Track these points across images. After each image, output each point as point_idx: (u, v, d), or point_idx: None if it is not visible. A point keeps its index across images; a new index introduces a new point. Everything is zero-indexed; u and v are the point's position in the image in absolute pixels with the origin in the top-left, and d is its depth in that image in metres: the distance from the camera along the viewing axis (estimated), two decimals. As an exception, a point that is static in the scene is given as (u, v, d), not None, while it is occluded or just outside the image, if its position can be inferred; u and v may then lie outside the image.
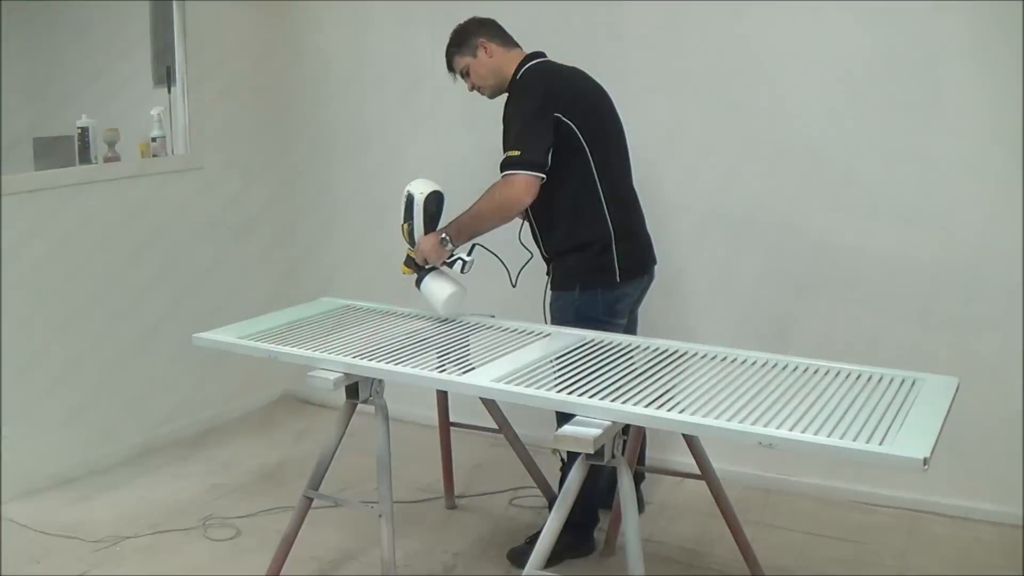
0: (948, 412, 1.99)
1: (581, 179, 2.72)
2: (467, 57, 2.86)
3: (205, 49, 3.91)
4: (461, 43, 2.86)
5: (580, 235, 2.74)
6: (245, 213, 4.16)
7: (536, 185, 2.63)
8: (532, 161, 2.62)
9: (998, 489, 3.02)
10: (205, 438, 3.92)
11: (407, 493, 3.32)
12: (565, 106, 2.67)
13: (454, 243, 2.73)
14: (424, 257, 2.77)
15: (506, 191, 2.63)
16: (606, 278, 2.73)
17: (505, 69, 2.83)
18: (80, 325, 3.55)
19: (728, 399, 2.06)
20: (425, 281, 2.80)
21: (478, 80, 2.88)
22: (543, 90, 2.71)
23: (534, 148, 2.62)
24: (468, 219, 2.71)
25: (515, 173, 2.62)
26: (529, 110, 2.68)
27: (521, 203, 2.64)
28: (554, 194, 2.72)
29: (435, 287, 2.79)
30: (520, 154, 2.62)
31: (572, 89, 2.76)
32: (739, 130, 3.26)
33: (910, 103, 3.00)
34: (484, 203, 2.68)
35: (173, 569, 2.87)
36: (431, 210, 2.78)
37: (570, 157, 2.69)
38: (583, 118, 2.70)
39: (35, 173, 3.58)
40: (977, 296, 2.99)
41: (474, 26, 2.87)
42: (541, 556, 2.09)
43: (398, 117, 3.94)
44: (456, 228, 2.73)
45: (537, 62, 2.82)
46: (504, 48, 2.85)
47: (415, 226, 2.79)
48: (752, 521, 2.97)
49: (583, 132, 2.69)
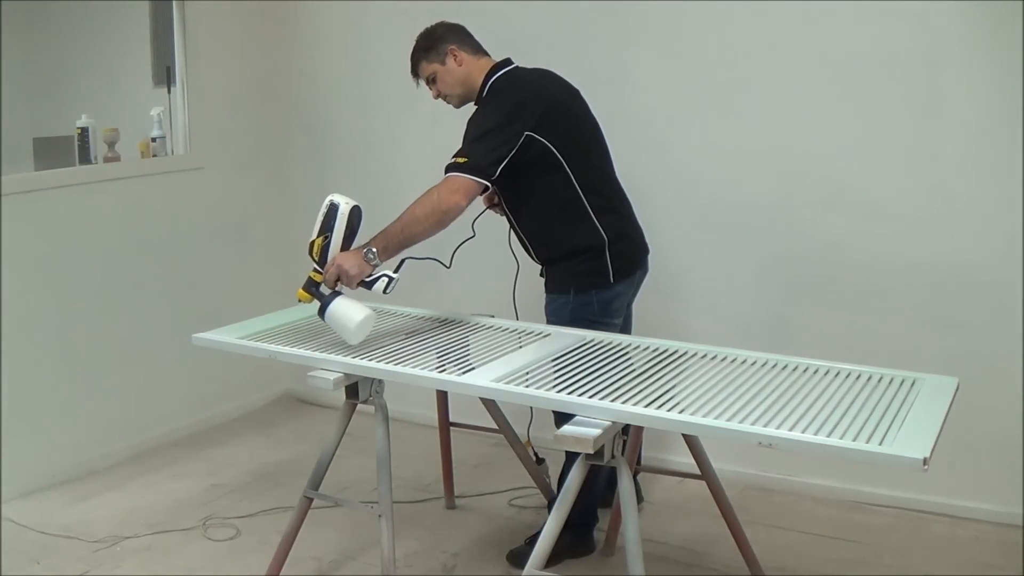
0: (948, 412, 1.99)
1: (563, 193, 2.66)
2: (435, 64, 2.75)
3: (205, 49, 3.91)
4: (429, 48, 2.75)
5: (570, 244, 2.70)
6: (245, 213, 4.16)
7: (476, 191, 2.54)
8: (477, 167, 2.52)
9: (998, 489, 3.02)
10: (205, 438, 3.92)
11: (407, 493, 3.32)
12: (537, 123, 2.58)
13: (381, 256, 2.50)
14: (339, 276, 2.49)
15: (444, 193, 2.50)
16: (600, 280, 2.70)
17: (474, 78, 2.73)
18: (80, 325, 3.55)
19: (728, 399, 2.06)
20: (331, 307, 2.48)
21: (445, 88, 2.77)
22: (513, 104, 2.61)
23: (483, 157, 2.53)
24: (399, 227, 2.51)
25: (456, 175, 2.52)
26: (491, 122, 2.59)
27: (459, 206, 2.50)
28: (538, 208, 2.70)
29: (344, 312, 2.46)
30: (466, 160, 2.53)
31: (544, 100, 2.63)
32: (738, 130, 3.26)
33: (910, 103, 3.00)
34: (418, 207, 2.51)
35: (173, 569, 2.87)
36: (353, 224, 2.52)
37: (549, 172, 2.64)
38: (556, 131, 2.62)
39: (35, 173, 3.58)
40: (977, 296, 2.99)
41: (443, 30, 2.76)
42: (541, 556, 2.09)
43: (398, 117, 3.94)
44: (384, 239, 2.51)
45: (506, 71, 2.73)
46: (474, 56, 2.75)
47: (333, 241, 2.50)
48: (752, 521, 2.97)
49: (558, 147, 2.62)
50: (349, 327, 2.46)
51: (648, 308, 3.02)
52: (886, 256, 3.09)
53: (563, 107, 2.70)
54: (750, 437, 1.88)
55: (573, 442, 1.96)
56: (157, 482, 3.51)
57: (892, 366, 2.25)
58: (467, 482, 3.39)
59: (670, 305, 3.35)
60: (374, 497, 2.55)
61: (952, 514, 3.09)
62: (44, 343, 3.45)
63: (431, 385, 2.41)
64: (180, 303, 3.86)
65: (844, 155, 3.11)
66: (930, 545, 2.96)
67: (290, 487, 3.32)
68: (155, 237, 3.80)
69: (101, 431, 3.64)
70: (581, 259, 2.70)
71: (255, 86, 4.16)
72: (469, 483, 3.40)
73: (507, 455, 3.20)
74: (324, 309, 2.50)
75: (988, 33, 2.90)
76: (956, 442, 2.34)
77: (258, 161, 4.19)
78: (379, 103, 3.98)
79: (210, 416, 4.05)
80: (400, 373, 2.33)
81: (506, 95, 2.67)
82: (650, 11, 3.33)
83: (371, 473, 2.56)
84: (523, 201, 2.71)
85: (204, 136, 3.95)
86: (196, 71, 3.89)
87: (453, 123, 3.77)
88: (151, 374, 3.81)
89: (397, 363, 2.37)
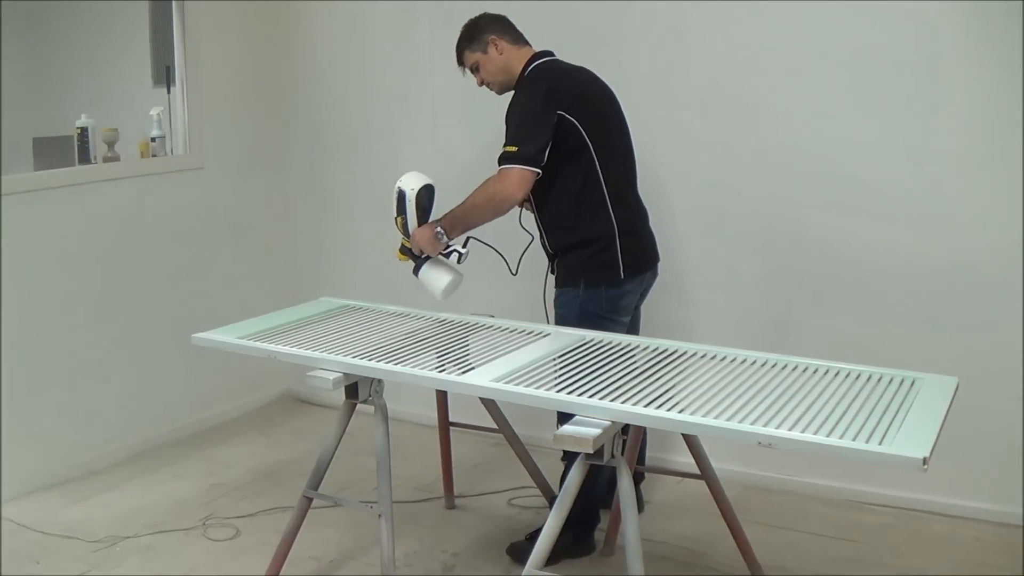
0: (948, 412, 1.99)
1: (584, 176, 2.73)
2: (477, 53, 2.87)
3: (205, 49, 3.91)
4: (472, 38, 2.88)
5: (584, 231, 2.75)
6: (245, 213, 4.16)
7: (530, 180, 2.65)
8: (527, 156, 2.63)
9: (998, 489, 3.02)
10: (204, 438, 3.92)
11: (407, 493, 3.32)
12: (569, 104, 2.69)
13: (449, 236, 2.78)
14: (420, 248, 2.83)
15: (499, 185, 2.66)
16: (610, 275, 2.74)
17: (514, 66, 2.84)
18: (80, 325, 3.55)
19: (728, 399, 2.06)
20: (424, 269, 2.87)
21: (487, 76, 2.89)
22: (547, 88, 2.72)
23: (531, 144, 2.64)
24: (461, 212, 2.74)
25: (510, 167, 2.64)
26: (530, 107, 2.70)
27: (513, 197, 2.66)
28: (558, 191, 2.74)
29: (433, 275, 2.86)
30: (517, 149, 2.64)
31: (577, 88, 2.76)
32: (740, 130, 3.26)
33: (910, 103, 3.00)
34: (478, 196, 2.71)
35: (172, 569, 2.87)
36: (423, 204, 2.83)
37: (574, 154, 2.71)
38: (587, 116, 2.71)
39: (35, 173, 3.57)
40: (977, 296, 2.99)
41: (485, 22, 2.88)
42: (541, 555, 2.09)
43: (397, 117, 3.94)
44: (450, 221, 2.76)
45: (545, 60, 2.84)
46: (514, 45, 2.87)
47: (408, 220, 2.84)
48: (752, 521, 2.97)
49: (586, 130, 2.70)
50: (438, 287, 2.86)
51: (650, 308, 3.02)
52: (886, 256, 3.09)
53: (594, 99, 2.80)
54: (750, 437, 1.88)
55: (573, 442, 1.96)
56: (157, 482, 3.51)
57: (892, 366, 2.25)
58: (467, 482, 3.39)
59: (671, 305, 3.35)
60: (374, 497, 2.55)
61: (952, 514, 3.09)
62: (44, 343, 3.45)
63: (431, 385, 2.41)
64: (180, 303, 3.86)
65: (845, 155, 3.11)
66: (930, 545, 2.96)
67: (290, 487, 3.32)
68: (155, 237, 3.80)
69: (101, 431, 3.64)
70: (592, 250, 2.74)
71: (255, 86, 4.16)
72: (469, 483, 3.40)
73: (507, 455, 3.20)
74: (417, 270, 2.90)
75: (988, 33, 2.90)
76: (956, 442, 2.34)
77: (258, 161, 4.19)
78: (379, 102, 3.98)
79: (210, 416, 4.05)
80: (400, 373, 2.33)
81: (539, 82, 2.76)
82: (650, 11, 3.33)
83: (371, 473, 2.56)
84: (548, 184, 2.74)
85: (204, 136, 3.95)
86: (196, 71, 3.89)
87: (453, 123, 3.80)
88: (151, 374, 3.81)
89: (397, 363, 2.37)
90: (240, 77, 4.09)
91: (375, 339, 2.59)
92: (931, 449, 1.77)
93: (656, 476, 3.24)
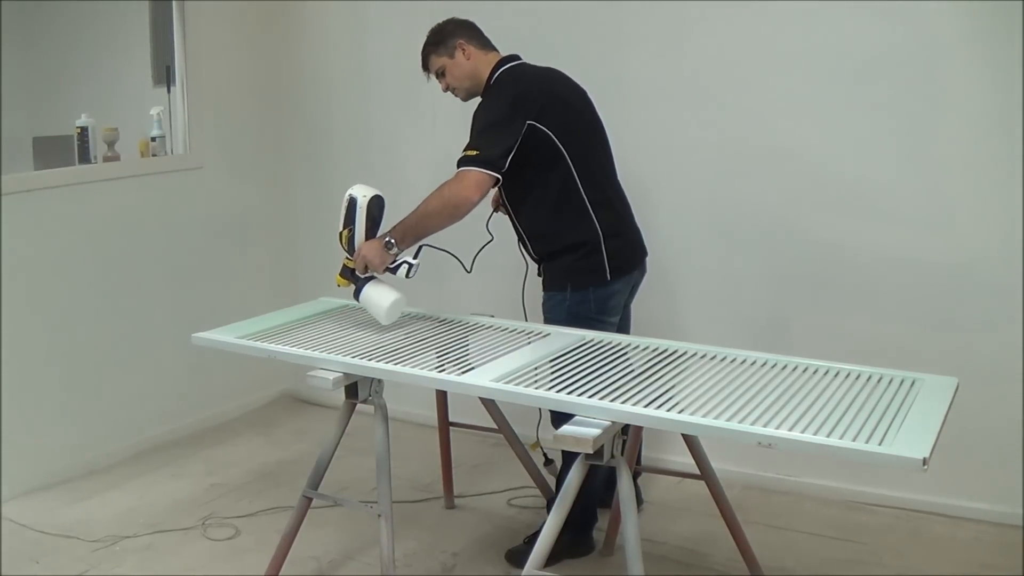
0: (948, 412, 1.99)
1: (562, 183, 2.68)
2: (444, 57, 2.81)
3: (205, 49, 3.91)
4: (439, 43, 2.81)
5: (568, 238, 2.72)
6: (245, 213, 4.16)
7: (488, 184, 2.59)
8: (487, 160, 2.56)
9: (998, 489, 3.02)
10: (204, 438, 3.92)
11: (406, 493, 3.32)
12: (539, 112, 2.63)
13: (399, 246, 2.63)
14: (365, 264, 2.66)
15: (455, 187, 2.56)
16: (597, 278, 2.71)
17: (481, 71, 2.79)
18: (79, 325, 3.55)
19: (728, 399, 2.06)
20: (364, 291, 2.69)
21: (453, 81, 2.83)
22: (514, 94, 2.68)
23: (492, 148, 2.58)
24: (414, 220, 2.61)
25: (468, 169, 2.57)
26: (496, 112, 2.65)
27: (470, 201, 2.56)
28: (536, 199, 2.71)
29: (375, 295, 2.67)
30: (477, 153, 2.58)
31: (546, 93, 2.70)
32: (737, 131, 3.25)
33: (909, 103, 3.00)
34: (431, 202, 2.59)
35: (172, 569, 2.87)
36: (373, 214, 2.68)
37: (549, 163, 2.67)
38: (558, 122, 2.66)
39: (35, 173, 3.58)
40: (977, 296, 2.99)
41: (453, 26, 2.83)
42: (540, 556, 2.09)
43: (397, 117, 3.94)
44: (401, 230, 2.63)
45: (512, 65, 2.78)
46: (482, 50, 2.81)
47: (356, 232, 2.68)
48: (752, 521, 2.97)
49: (559, 137, 2.65)
50: (380, 309, 2.66)
51: (648, 308, 3.02)
52: (886, 256, 3.09)
53: (564, 101, 2.75)
54: (750, 437, 1.88)
55: (572, 442, 1.96)
56: (157, 482, 3.51)
57: (892, 366, 2.25)
58: (466, 482, 3.39)
59: (669, 305, 3.35)
60: (374, 497, 2.55)
61: (951, 514, 3.09)
62: (44, 343, 3.45)
63: (431, 385, 2.41)
64: (180, 303, 3.86)
65: (844, 155, 3.11)
66: (929, 545, 2.96)
67: (290, 487, 3.32)
68: (155, 237, 3.80)
69: (101, 431, 3.64)
70: (577, 255, 2.71)
71: (255, 86, 4.15)
72: (468, 483, 3.40)
73: (507, 455, 3.20)
74: (358, 293, 2.71)
75: (988, 33, 2.89)
76: (956, 442, 2.35)
77: (258, 161, 4.19)
78: (379, 103, 3.98)
79: (210, 416, 4.05)
80: (400, 373, 2.33)
81: (508, 87, 2.72)
82: (650, 11, 3.33)
83: (371, 473, 2.56)
84: (524, 193, 2.72)
85: (204, 136, 3.95)
86: (196, 71, 3.89)
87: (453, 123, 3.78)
88: (151, 374, 3.81)
89: (397, 363, 2.37)
90: (240, 77, 4.09)
91: (375, 339, 2.59)
92: (931, 449, 1.77)
93: (656, 476, 3.24)
